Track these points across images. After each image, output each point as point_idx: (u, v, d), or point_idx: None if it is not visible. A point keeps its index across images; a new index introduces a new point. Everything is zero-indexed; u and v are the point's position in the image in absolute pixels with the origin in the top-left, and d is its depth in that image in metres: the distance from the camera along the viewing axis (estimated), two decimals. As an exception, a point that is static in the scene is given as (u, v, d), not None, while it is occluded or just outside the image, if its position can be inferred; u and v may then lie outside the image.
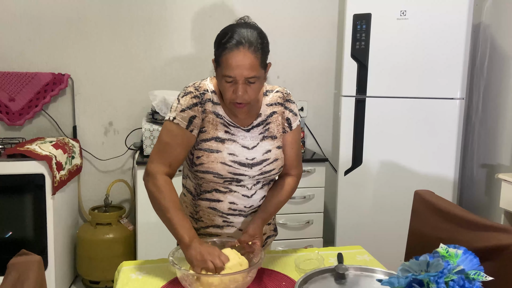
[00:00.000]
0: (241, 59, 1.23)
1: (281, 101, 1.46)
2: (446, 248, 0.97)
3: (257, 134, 1.41)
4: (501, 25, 2.75)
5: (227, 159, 1.36)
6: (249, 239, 1.34)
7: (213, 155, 1.35)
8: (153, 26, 2.97)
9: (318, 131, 3.32)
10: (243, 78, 1.26)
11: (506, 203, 2.28)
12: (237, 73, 1.25)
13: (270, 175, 1.43)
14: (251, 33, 1.26)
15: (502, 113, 2.72)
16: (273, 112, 1.45)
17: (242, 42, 1.24)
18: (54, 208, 2.43)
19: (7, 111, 2.77)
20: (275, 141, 1.44)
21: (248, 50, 1.24)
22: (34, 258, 1.00)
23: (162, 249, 1.64)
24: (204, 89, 1.38)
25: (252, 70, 1.25)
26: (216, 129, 1.37)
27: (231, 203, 1.41)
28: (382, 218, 2.69)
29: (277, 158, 1.43)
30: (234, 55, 1.24)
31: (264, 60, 1.30)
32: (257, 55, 1.25)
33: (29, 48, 2.83)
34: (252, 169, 1.38)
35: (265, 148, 1.41)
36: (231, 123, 1.39)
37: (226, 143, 1.37)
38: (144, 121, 2.71)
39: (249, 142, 1.40)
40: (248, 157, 1.38)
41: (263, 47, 1.28)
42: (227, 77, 1.27)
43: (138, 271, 1.38)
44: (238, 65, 1.24)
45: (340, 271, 1.29)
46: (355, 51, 2.66)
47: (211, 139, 1.37)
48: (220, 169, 1.35)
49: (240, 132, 1.39)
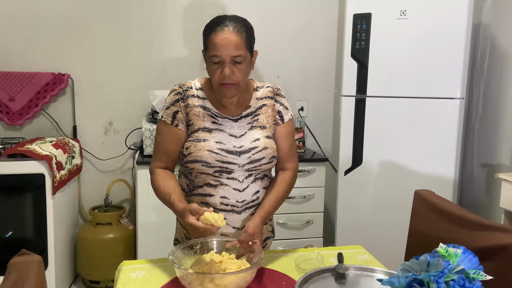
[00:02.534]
0: (227, 37, 1.31)
1: (271, 95, 1.51)
2: (446, 247, 0.97)
3: (245, 124, 1.45)
4: (501, 25, 2.75)
5: (214, 147, 1.39)
6: (248, 239, 1.33)
7: (200, 144, 1.39)
8: (153, 26, 2.97)
9: (318, 131, 3.32)
10: (229, 58, 1.31)
11: (506, 203, 2.28)
12: (223, 52, 1.31)
13: (261, 164, 1.43)
14: (236, 17, 1.37)
15: (502, 113, 2.72)
16: (263, 105, 1.49)
17: (226, 24, 1.33)
18: (54, 207, 2.43)
19: (7, 111, 2.77)
20: (264, 131, 1.46)
21: (232, 30, 1.32)
22: (35, 258, 1.00)
23: (162, 249, 1.64)
24: (188, 86, 1.46)
25: (238, 49, 1.31)
26: (203, 120, 1.42)
27: (222, 198, 1.42)
28: (382, 218, 2.69)
29: (266, 146, 1.43)
30: (219, 35, 1.31)
31: (250, 43, 1.37)
32: (241, 36, 1.33)
33: (29, 48, 2.83)
34: (240, 157, 1.40)
35: (253, 136, 1.43)
36: (218, 114, 1.44)
37: (213, 133, 1.41)
38: (144, 121, 2.71)
39: (237, 131, 1.43)
40: (235, 145, 1.41)
41: (247, 30, 1.36)
42: (214, 57, 1.33)
43: (138, 270, 1.38)
44: (223, 44, 1.30)
45: (340, 271, 1.29)
46: (355, 51, 2.66)
47: (198, 130, 1.41)
48: (208, 157, 1.37)
49: (228, 122, 1.43)
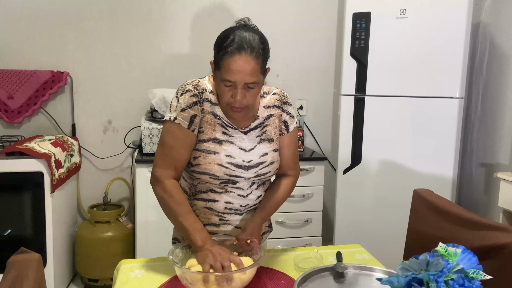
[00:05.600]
0: (242, 65, 1.22)
1: (278, 104, 1.46)
2: (445, 247, 0.97)
3: (255, 136, 1.41)
4: (501, 24, 2.75)
5: (224, 161, 1.35)
6: (247, 238, 1.34)
7: (211, 157, 1.34)
8: (153, 24, 2.97)
9: (317, 130, 3.32)
10: (242, 83, 1.25)
11: (505, 202, 2.28)
12: (238, 78, 1.23)
13: (265, 177, 1.44)
14: (253, 37, 1.24)
15: (501, 112, 2.72)
16: (271, 115, 1.44)
17: (244, 47, 1.22)
18: (53, 206, 2.43)
19: (6, 109, 2.76)
20: (272, 144, 1.44)
21: (250, 55, 1.22)
22: (33, 256, 1.00)
23: (161, 248, 1.64)
24: (203, 88, 1.36)
25: (253, 76, 1.24)
26: (214, 130, 1.36)
27: (227, 203, 1.41)
28: (381, 217, 2.69)
29: (273, 161, 1.43)
30: (235, 60, 1.22)
31: (264, 66, 1.29)
32: (258, 61, 1.24)
33: (28, 46, 2.82)
34: (248, 171, 1.38)
35: (262, 151, 1.41)
36: (229, 124, 1.38)
37: (223, 145, 1.36)
38: (143, 119, 2.70)
39: (247, 144, 1.39)
40: (245, 159, 1.38)
41: (264, 52, 1.27)
42: (227, 81, 1.25)
43: (137, 269, 1.38)
44: (239, 70, 1.22)
45: (339, 270, 1.30)
46: (354, 50, 2.66)
47: (209, 140, 1.36)
48: (217, 170, 1.34)
49: (238, 134, 1.39)
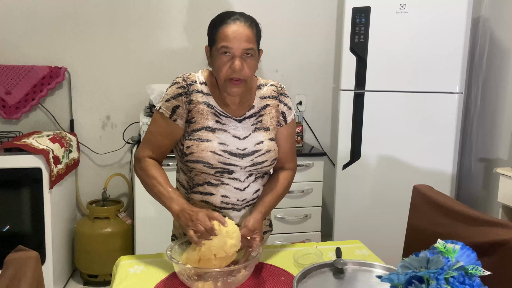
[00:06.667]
0: (238, 30, 1.28)
1: (275, 95, 1.47)
2: (444, 243, 0.97)
3: (249, 125, 1.42)
4: (501, 19, 2.74)
5: (217, 149, 1.35)
6: (248, 234, 1.32)
7: (203, 144, 1.35)
8: (151, 19, 2.95)
9: (317, 125, 3.31)
10: (240, 51, 1.28)
11: (504, 197, 2.28)
12: (235, 44, 1.28)
13: (262, 167, 1.42)
14: (244, 13, 1.35)
15: (501, 108, 2.72)
16: (267, 105, 1.45)
17: (237, 18, 1.31)
18: (52, 202, 2.42)
19: (4, 104, 2.75)
20: (268, 133, 1.43)
21: (244, 24, 1.30)
22: (31, 254, 0.99)
23: (160, 244, 1.64)
24: (192, 80, 1.40)
25: (249, 42, 1.29)
26: (207, 119, 1.38)
27: (223, 196, 1.40)
28: (381, 213, 2.69)
29: (269, 149, 1.42)
30: (231, 27, 1.29)
31: (258, 39, 1.35)
32: (252, 30, 1.31)
33: (26, 41, 2.80)
34: (243, 159, 1.38)
35: (257, 139, 1.41)
36: (222, 113, 1.39)
37: (216, 133, 1.37)
38: (142, 114, 2.69)
39: (241, 132, 1.40)
40: (239, 147, 1.38)
41: (257, 26, 1.35)
42: (224, 48, 1.29)
43: (136, 265, 1.38)
44: (235, 36, 1.28)
45: (339, 266, 1.29)
46: (354, 45, 2.65)
47: (201, 129, 1.37)
48: (210, 158, 1.35)
49: (232, 122, 1.40)
